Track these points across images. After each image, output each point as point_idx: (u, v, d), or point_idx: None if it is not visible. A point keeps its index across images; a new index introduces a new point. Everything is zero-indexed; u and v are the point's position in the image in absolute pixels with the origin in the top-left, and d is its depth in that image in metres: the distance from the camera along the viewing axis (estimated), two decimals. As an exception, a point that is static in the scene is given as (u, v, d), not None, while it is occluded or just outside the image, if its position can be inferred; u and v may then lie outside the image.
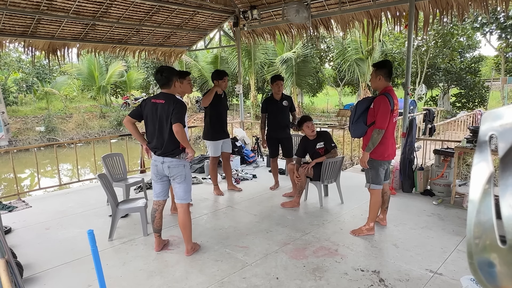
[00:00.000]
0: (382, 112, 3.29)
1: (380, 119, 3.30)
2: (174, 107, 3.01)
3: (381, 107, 3.29)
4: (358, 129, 3.48)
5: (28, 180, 11.88)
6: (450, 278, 2.78)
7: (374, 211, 3.58)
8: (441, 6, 4.95)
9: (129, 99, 21.97)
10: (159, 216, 3.30)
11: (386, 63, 3.49)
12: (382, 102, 3.29)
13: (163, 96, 3.08)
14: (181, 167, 3.12)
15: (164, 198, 3.31)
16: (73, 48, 6.60)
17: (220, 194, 5.05)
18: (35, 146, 6.61)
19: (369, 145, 3.38)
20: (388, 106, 3.29)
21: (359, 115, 3.45)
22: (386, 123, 3.32)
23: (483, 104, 17.08)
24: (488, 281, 0.44)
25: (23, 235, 3.80)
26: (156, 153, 3.13)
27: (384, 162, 3.51)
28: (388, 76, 3.41)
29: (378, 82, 3.42)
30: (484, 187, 0.45)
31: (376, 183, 3.50)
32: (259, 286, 2.73)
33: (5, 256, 1.50)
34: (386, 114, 3.30)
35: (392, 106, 3.33)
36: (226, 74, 4.81)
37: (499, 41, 16.23)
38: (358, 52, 17.37)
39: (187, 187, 3.18)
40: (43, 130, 16.69)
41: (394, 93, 3.43)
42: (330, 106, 23.85)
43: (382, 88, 3.43)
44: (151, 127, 3.12)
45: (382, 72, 3.39)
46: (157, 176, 3.22)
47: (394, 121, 3.47)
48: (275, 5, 6.53)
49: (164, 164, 3.10)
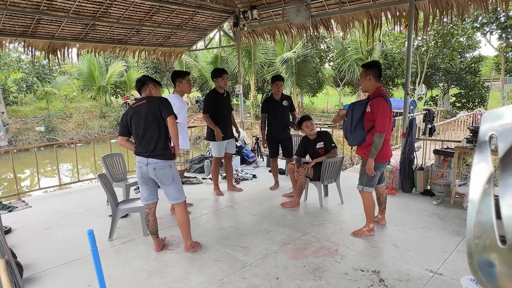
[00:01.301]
0: (382, 115, 3.20)
1: (381, 122, 3.22)
2: (159, 104, 3.02)
3: (380, 109, 3.21)
4: (357, 136, 3.37)
5: (28, 180, 11.89)
6: (450, 278, 2.78)
7: (370, 213, 3.56)
8: (441, 6, 4.95)
9: (129, 99, 21.96)
10: (152, 219, 3.28)
11: (376, 63, 3.41)
12: (381, 104, 3.21)
13: (144, 98, 3.14)
14: (167, 169, 3.06)
15: (153, 201, 3.28)
16: (73, 48, 6.59)
17: (220, 194, 5.05)
18: (35, 146, 6.61)
19: (372, 151, 3.29)
20: (387, 109, 3.23)
21: (356, 122, 3.33)
22: (387, 126, 3.24)
23: (483, 104, 17.09)
24: (488, 281, 0.44)
25: (23, 235, 3.80)
26: (142, 154, 3.07)
27: (382, 164, 3.46)
28: (378, 76, 3.33)
29: (368, 82, 3.33)
30: (484, 187, 0.45)
31: (369, 186, 3.47)
32: (259, 286, 2.73)
33: (5, 256, 1.50)
34: (386, 117, 3.22)
35: (390, 107, 3.28)
36: (225, 72, 4.77)
37: (499, 41, 16.25)
38: (358, 52, 17.37)
39: (177, 186, 3.15)
40: (43, 130, 16.70)
41: (387, 94, 3.37)
42: (330, 106, 23.85)
43: (373, 89, 3.34)
44: (137, 130, 3.07)
45: (372, 72, 3.31)
46: (142, 180, 3.16)
47: (390, 122, 3.41)
48: (275, 5, 6.53)
49: (149, 166, 3.04)
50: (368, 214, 3.57)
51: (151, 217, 3.28)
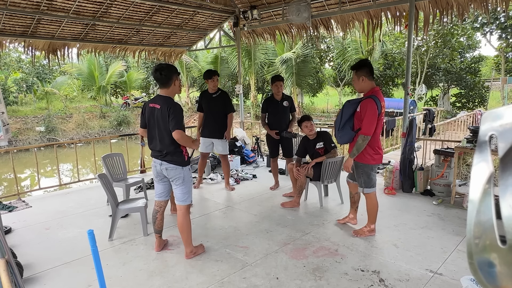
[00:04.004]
0: (368, 117, 3.11)
1: (367, 124, 3.13)
2: (169, 113, 2.90)
3: (368, 112, 3.11)
4: (345, 136, 3.31)
5: (28, 180, 11.89)
6: (450, 278, 2.78)
7: (373, 213, 3.55)
8: (441, 6, 4.95)
9: (129, 99, 21.98)
10: (160, 217, 3.29)
11: (364, 62, 3.26)
12: (369, 106, 3.11)
13: (160, 100, 3.00)
14: (179, 169, 3.06)
15: (165, 198, 3.30)
16: (73, 48, 6.60)
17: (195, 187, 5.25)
18: (35, 146, 6.61)
19: (353, 151, 3.24)
20: (375, 111, 3.11)
21: (345, 121, 3.25)
22: (373, 129, 3.15)
23: (483, 104, 17.09)
24: (488, 281, 0.44)
25: (23, 235, 3.79)
26: (156, 157, 3.09)
27: (375, 166, 3.42)
28: (370, 75, 3.20)
29: (362, 83, 3.22)
30: (484, 187, 0.45)
31: (369, 187, 3.44)
32: (259, 286, 2.73)
33: (5, 256, 1.50)
34: (373, 119, 3.13)
35: (380, 109, 3.15)
36: (215, 74, 4.88)
37: (499, 41, 16.25)
38: (358, 52, 17.37)
39: (185, 189, 3.13)
40: (43, 130, 16.70)
41: (381, 95, 3.24)
42: (330, 106, 23.86)
43: (368, 89, 3.23)
44: (152, 131, 3.08)
45: (363, 72, 3.19)
46: (157, 177, 3.20)
47: (381, 124, 3.31)
48: (275, 5, 6.53)
49: (162, 165, 3.07)
50: (371, 214, 3.55)
51: (159, 215, 3.28)
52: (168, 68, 3.00)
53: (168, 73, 2.96)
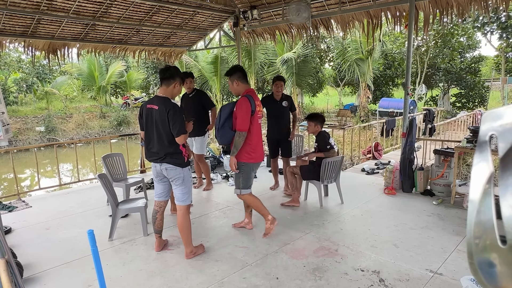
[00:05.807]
0: (241, 113, 3.26)
1: (240, 120, 3.27)
2: (169, 116, 2.92)
3: (240, 108, 3.27)
4: (224, 135, 3.39)
5: (28, 180, 11.89)
6: (450, 278, 2.78)
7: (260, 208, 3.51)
8: (441, 6, 4.94)
9: (129, 99, 21.99)
10: (160, 217, 3.29)
11: (236, 68, 3.48)
12: (243, 103, 3.28)
13: (157, 101, 3.02)
14: (178, 169, 3.07)
15: (165, 198, 3.31)
16: (73, 48, 6.59)
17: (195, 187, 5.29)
18: (35, 146, 6.61)
19: (233, 150, 3.33)
20: (248, 107, 3.27)
21: (224, 121, 3.36)
22: (247, 125, 3.28)
23: (483, 104, 17.10)
24: (488, 281, 0.44)
25: (23, 235, 3.80)
26: (154, 160, 3.09)
27: (254, 164, 3.47)
28: (243, 78, 3.42)
29: (237, 87, 3.43)
30: (484, 187, 0.45)
31: (245, 188, 3.48)
32: (259, 286, 2.73)
33: (5, 256, 1.50)
34: (246, 116, 3.27)
35: (254, 107, 3.31)
36: (188, 76, 4.97)
37: (499, 41, 16.25)
38: (358, 52, 17.37)
39: (185, 189, 3.14)
40: (43, 130, 16.70)
41: (256, 95, 3.44)
42: (330, 106, 23.88)
43: (242, 91, 3.43)
44: (150, 133, 3.08)
45: (235, 77, 3.40)
46: (157, 177, 3.21)
47: (259, 122, 3.45)
48: (275, 5, 6.53)
49: (162, 166, 3.08)
50: (260, 210, 3.52)
51: (159, 216, 3.28)
52: (174, 69, 3.13)
53: (173, 73, 3.08)
